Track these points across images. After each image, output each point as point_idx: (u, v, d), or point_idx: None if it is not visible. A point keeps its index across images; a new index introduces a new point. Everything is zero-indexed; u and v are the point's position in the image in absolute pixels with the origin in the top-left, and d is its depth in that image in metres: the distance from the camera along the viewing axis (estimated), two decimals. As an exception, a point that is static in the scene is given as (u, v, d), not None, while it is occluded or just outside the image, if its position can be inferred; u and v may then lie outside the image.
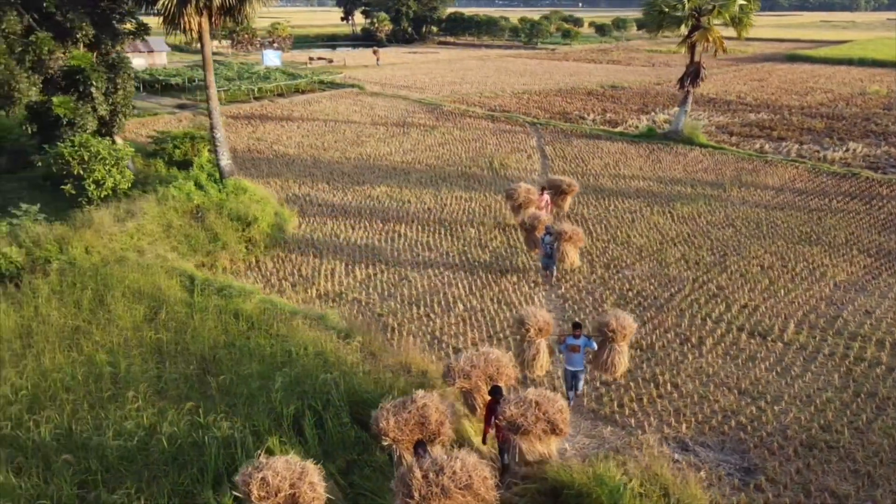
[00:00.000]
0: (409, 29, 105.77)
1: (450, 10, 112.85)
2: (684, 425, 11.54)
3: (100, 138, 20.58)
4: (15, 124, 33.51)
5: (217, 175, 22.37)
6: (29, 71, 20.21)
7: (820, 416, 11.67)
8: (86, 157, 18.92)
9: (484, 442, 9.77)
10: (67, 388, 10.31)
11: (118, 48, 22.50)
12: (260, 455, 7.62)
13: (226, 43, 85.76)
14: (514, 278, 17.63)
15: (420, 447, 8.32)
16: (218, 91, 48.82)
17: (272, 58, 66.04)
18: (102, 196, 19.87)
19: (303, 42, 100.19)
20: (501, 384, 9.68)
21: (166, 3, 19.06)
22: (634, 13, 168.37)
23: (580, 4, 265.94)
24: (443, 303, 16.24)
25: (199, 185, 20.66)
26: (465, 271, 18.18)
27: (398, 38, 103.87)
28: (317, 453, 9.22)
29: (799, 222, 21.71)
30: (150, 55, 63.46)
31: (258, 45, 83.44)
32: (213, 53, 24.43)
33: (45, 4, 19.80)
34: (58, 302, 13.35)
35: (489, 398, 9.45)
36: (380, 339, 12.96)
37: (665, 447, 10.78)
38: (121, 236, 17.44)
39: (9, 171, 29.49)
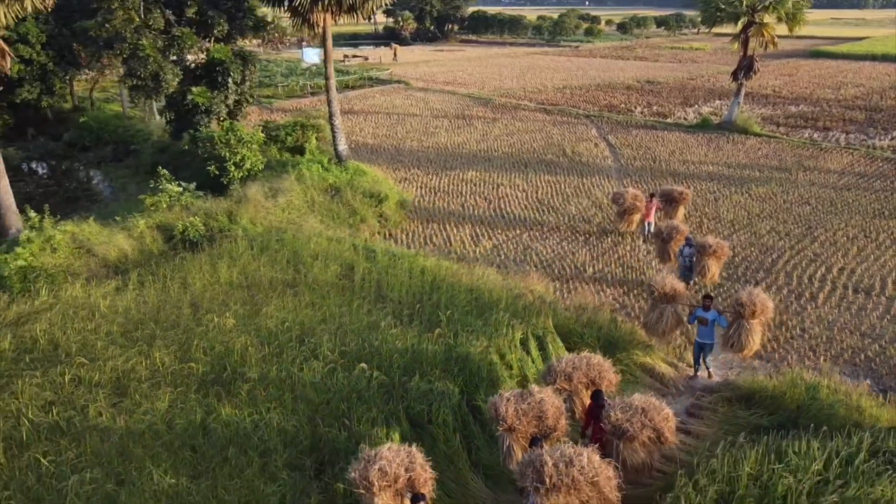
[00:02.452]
0: (433, 27, 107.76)
1: (472, 8, 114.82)
2: (821, 358, 13.56)
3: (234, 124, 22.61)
4: (111, 117, 35.73)
5: (325, 160, 24.43)
6: (172, 63, 22.25)
7: (936, 351, 13.68)
8: (232, 141, 20.96)
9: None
10: (324, 319, 12.35)
11: (246, 41, 24.55)
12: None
13: (255, 42, 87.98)
14: (629, 247, 19.66)
15: (535, 443, 8.19)
16: (275, 87, 51.06)
17: (312, 55, 67.88)
18: (240, 177, 21.92)
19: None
20: (603, 388, 9.46)
21: (302, 0, 21.10)
22: (644, 10, 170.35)
23: (587, 3, 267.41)
24: (573, 266, 18.28)
25: (324, 168, 22.70)
26: (579, 242, 20.22)
27: (421, 37, 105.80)
28: (539, 368, 11.24)
29: (868, 200, 23.70)
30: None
31: (287, 44, 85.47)
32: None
33: (188, 3, 21.84)
34: (266, 259, 15.38)
35: (590, 402, 9.34)
36: (552, 289, 15.00)
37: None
38: (274, 210, 19.50)
39: (115, 161, 31.69)
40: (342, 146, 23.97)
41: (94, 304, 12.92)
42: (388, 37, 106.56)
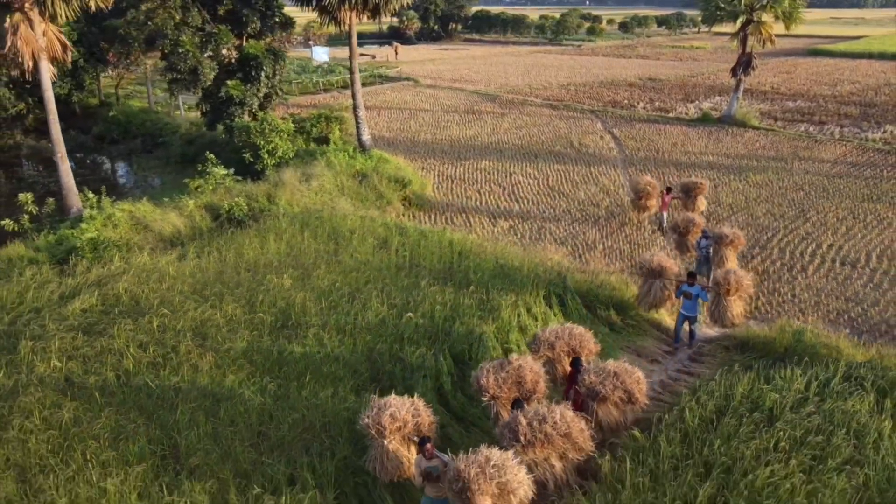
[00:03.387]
0: (437, 27, 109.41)
1: (475, 8, 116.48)
2: (809, 318, 15.18)
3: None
4: (138, 111, 37.38)
5: (350, 149, 26.09)
6: (208, 58, 23.89)
7: (912, 313, 15.32)
8: (266, 130, 22.58)
9: None
10: (368, 281, 13.99)
11: (276, 38, 26.20)
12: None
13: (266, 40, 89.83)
14: (636, 227, 21.28)
15: (516, 405, 8.71)
16: (289, 84, 52.67)
17: (321, 54, 69.93)
18: (273, 164, 23.55)
19: (334, 40, 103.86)
20: (583, 357, 10.07)
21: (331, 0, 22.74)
22: (645, 10, 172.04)
23: (588, 3, 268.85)
24: (584, 244, 19.91)
25: (350, 156, 24.33)
26: (589, 223, 21.85)
27: (426, 36, 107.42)
28: (562, 319, 12.86)
29: (858, 187, 25.32)
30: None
31: (294, 43, 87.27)
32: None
33: (222, 2, 23.49)
34: (308, 234, 16.99)
35: (570, 368, 9.97)
36: (566, 261, 16.63)
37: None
38: (308, 193, 21.13)
39: (145, 152, 33.34)
40: (366, 136, 25.61)
41: (162, 269, 14.55)
42: (392, 36, 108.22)
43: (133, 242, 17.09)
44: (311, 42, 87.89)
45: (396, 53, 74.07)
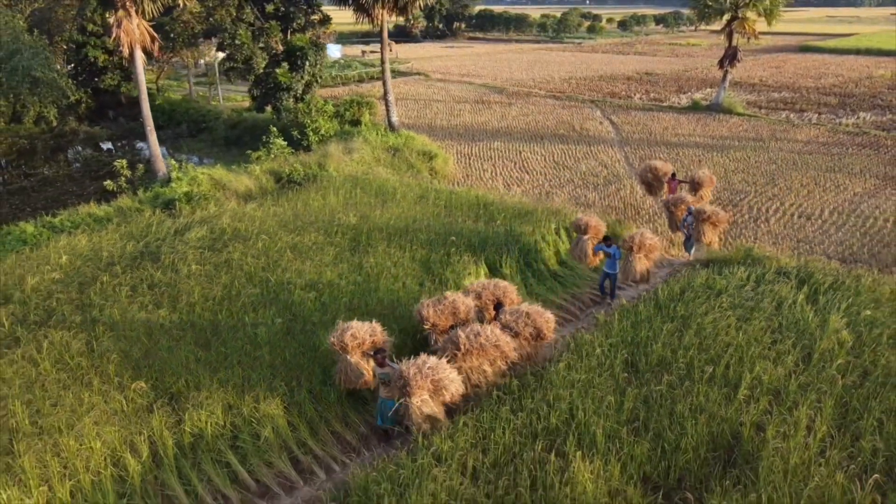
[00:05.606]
0: (441, 26, 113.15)
1: (478, 7, 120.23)
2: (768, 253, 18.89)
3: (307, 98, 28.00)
4: (181, 100, 41.16)
5: (381, 129, 29.83)
6: (260, 50, 27.63)
7: (847, 249, 19.03)
8: (313, 111, 26.31)
9: None
10: (415, 219, 17.71)
11: (315, 32, 29.95)
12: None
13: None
14: (628, 191, 25.02)
15: (452, 330, 10.17)
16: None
17: (334, 51, 73.59)
18: (316, 141, 27.28)
19: (342, 39, 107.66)
20: (506, 304, 11.44)
21: (367, -1, 26.48)
22: (644, 9, 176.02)
23: (588, 2, 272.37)
24: (586, 203, 23.67)
25: (382, 134, 28.07)
26: (589, 188, 25.58)
27: (431, 35, 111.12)
28: (569, 246, 16.55)
29: (825, 160, 29.06)
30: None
31: (332, 39, 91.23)
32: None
33: (273, 0, 27.26)
34: (359, 191, 20.72)
35: (494, 312, 11.39)
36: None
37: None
38: (350, 163, 24.86)
39: (190, 136, 37.10)
40: (395, 117, 29.35)
41: (249, 213, 18.28)
42: (398, 34, 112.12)
43: (216, 197, 20.83)
44: (320, 41, 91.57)
45: (391, 50, 77.91)
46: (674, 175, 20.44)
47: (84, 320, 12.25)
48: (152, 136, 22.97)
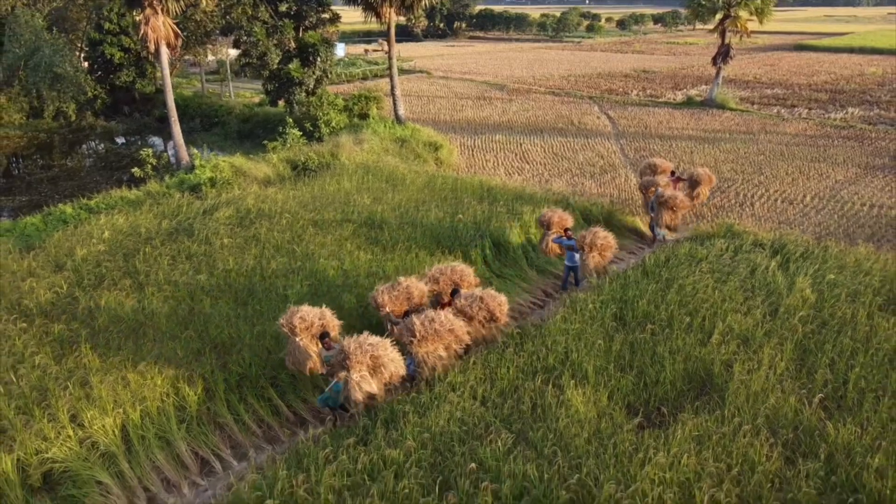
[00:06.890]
0: (442, 25, 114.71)
1: (479, 7, 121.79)
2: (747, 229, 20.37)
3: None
4: (193, 96, 42.64)
5: (389, 121, 31.32)
6: (274, 45, 29.11)
7: (825, 230, 20.51)
8: (325, 105, 27.79)
9: None
10: (424, 202, 19.17)
11: (325, 30, 31.45)
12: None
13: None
14: (623, 180, 26.51)
15: (407, 315, 10.55)
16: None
17: (339, 49, 75.05)
18: (328, 133, 28.75)
19: (344, 38, 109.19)
20: (463, 289, 11.82)
21: (375, -1, 27.95)
22: (642, 8, 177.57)
23: (587, 1, 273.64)
24: (583, 191, 25.13)
25: (389, 126, 29.55)
26: (586, 177, 27.05)
27: (432, 34, 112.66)
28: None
29: (810, 151, 30.53)
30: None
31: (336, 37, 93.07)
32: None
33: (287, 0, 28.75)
34: (371, 177, 22.20)
35: (450, 297, 11.76)
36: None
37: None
38: (360, 153, 26.34)
39: (203, 130, 38.59)
40: (401, 111, 30.81)
41: (271, 195, 19.76)
42: (400, 33, 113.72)
43: (238, 182, 22.31)
44: (330, 38, 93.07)
45: (382, 49, 79.70)
46: (673, 172, 20.82)
47: (133, 283, 13.74)
48: (176, 127, 24.45)
